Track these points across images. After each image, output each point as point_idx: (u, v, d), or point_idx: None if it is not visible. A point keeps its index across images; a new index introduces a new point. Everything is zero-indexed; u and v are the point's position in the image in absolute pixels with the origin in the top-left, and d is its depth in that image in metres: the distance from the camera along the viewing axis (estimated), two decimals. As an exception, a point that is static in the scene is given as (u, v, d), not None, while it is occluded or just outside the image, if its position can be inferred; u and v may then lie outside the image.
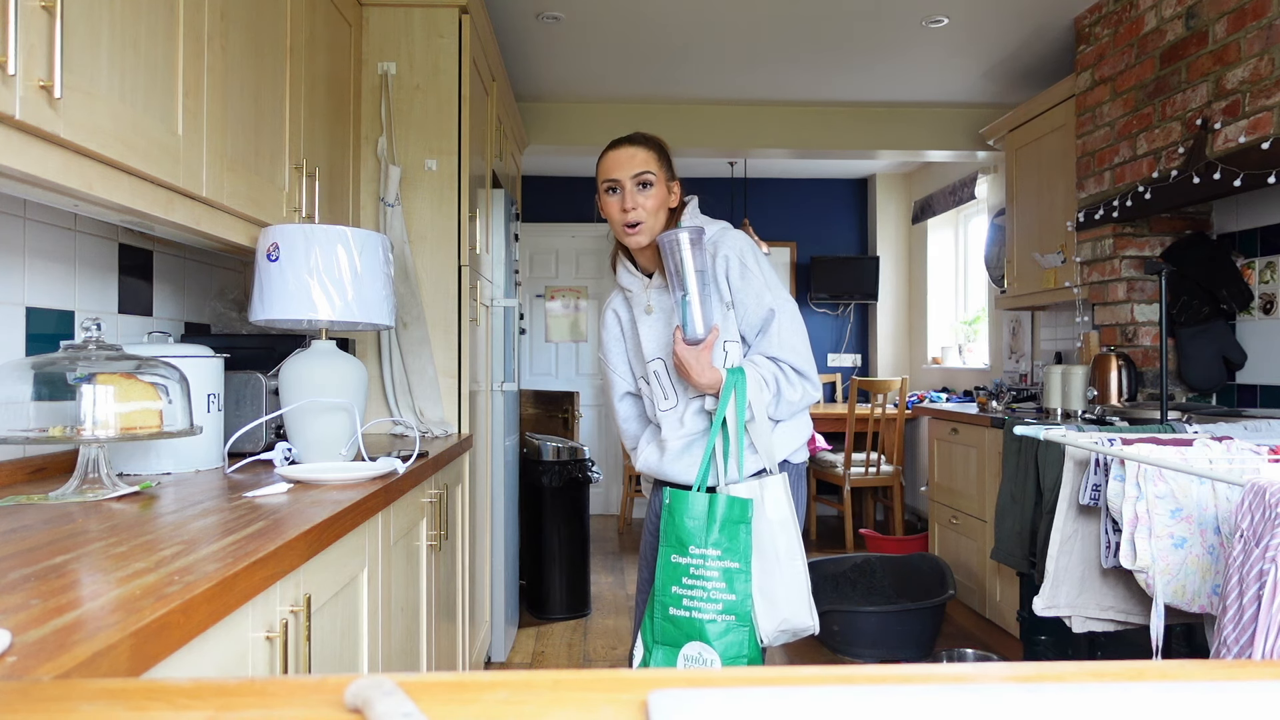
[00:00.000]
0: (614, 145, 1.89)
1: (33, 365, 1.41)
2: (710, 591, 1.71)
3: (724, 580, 1.70)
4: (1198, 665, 0.60)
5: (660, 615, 1.74)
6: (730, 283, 1.85)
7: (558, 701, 0.53)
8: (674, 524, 1.75)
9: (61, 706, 0.53)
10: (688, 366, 1.78)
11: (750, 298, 1.84)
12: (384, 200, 2.71)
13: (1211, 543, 1.79)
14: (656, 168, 1.86)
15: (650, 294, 1.92)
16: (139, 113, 1.41)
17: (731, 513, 1.72)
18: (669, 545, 1.75)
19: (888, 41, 4.01)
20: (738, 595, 1.70)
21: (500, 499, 3.40)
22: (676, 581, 1.73)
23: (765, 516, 1.76)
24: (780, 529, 1.77)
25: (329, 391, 1.84)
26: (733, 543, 1.71)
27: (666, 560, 1.74)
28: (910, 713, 0.51)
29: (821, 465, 5.58)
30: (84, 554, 1.01)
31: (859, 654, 3.40)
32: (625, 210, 1.84)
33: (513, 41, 3.98)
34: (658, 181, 1.86)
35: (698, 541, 1.72)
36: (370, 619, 1.59)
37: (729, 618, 1.70)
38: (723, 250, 1.85)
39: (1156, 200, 2.99)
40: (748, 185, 6.61)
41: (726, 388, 1.77)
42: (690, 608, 1.71)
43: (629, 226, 1.84)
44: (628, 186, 1.84)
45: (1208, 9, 2.87)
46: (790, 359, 1.83)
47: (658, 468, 1.95)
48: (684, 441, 1.90)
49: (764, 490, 1.77)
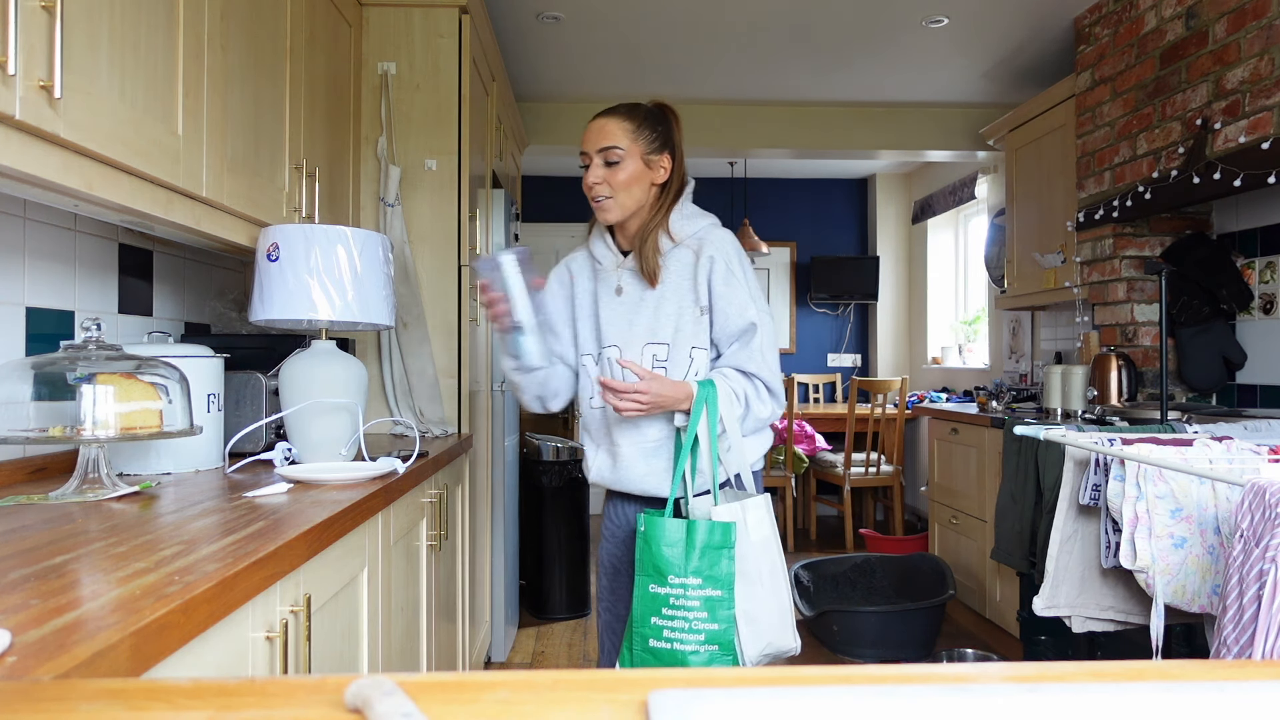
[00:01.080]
0: (595, 116, 1.83)
1: (33, 365, 1.41)
2: (692, 622, 1.60)
3: (706, 609, 1.60)
4: (1198, 665, 0.60)
5: (640, 647, 1.63)
6: (713, 286, 1.75)
7: (558, 701, 0.53)
8: (650, 552, 1.62)
9: (61, 706, 0.53)
10: (664, 397, 1.67)
11: (733, 306, 1.74)
12: (384, 200, 2.71)
13: (1211, 543, 1.79)
14: (629, 142, 1.77)
15: (623, 274, 1.82)
16: (139, 113, 1.41)
17: (713, 538, 1.61)
18: (646, 574, 1.63)
19: (888, 41, 4.01)
20: (720, 624, 1.59)
21: (500, 499, 3.40)
22: (656, 612, 1.61)
23: (749, 539, 1.66)
24: (763, 550, 1.68)
25: (329, 392, 1.84)
26: (714, 569, 1.60)
27: (644, 591, 1.63)
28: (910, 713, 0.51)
29: (821, 465, 5.58)
30: (84, 554, 1.01)
31: (859, 654, 3.40)
32: (591, 185, 1.78)
33: (513, 41, 3.98)
34: (629, 156, 1.76)
35: (677, 570, 1.61)
36: (370, 619, 1.59)
37: (712, 647, 1.60)
38: (708, 250, 1.76)
39: (1156, 200, 2.99)
40: (748, 185, 6.61)
41: (698, 402, 1.68)
42: (671, 639, 1.60)
43: (595, 200, 1.78)
44: (594, 160, 1.78)
45: (1208, 9, 2.87)
46: (765, 376, 1.75)
47: (612, 478, 1.83)
48: (640, 449, 1.78)
49: (746, 512, 1.67)
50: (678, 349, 1.76)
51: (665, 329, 1.77)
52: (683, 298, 1.77)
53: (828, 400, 6.67)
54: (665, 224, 1.79)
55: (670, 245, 1.79)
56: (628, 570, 1.89)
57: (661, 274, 1.78)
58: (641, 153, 1.78)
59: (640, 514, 1.68)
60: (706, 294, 1.76)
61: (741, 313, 1.74)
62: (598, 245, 1.88)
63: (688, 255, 1.78)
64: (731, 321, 1.75)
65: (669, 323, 1.77)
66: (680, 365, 1.76)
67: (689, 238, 1.79)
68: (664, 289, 1.78)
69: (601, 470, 1.86)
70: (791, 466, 5.32)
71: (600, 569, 1.96)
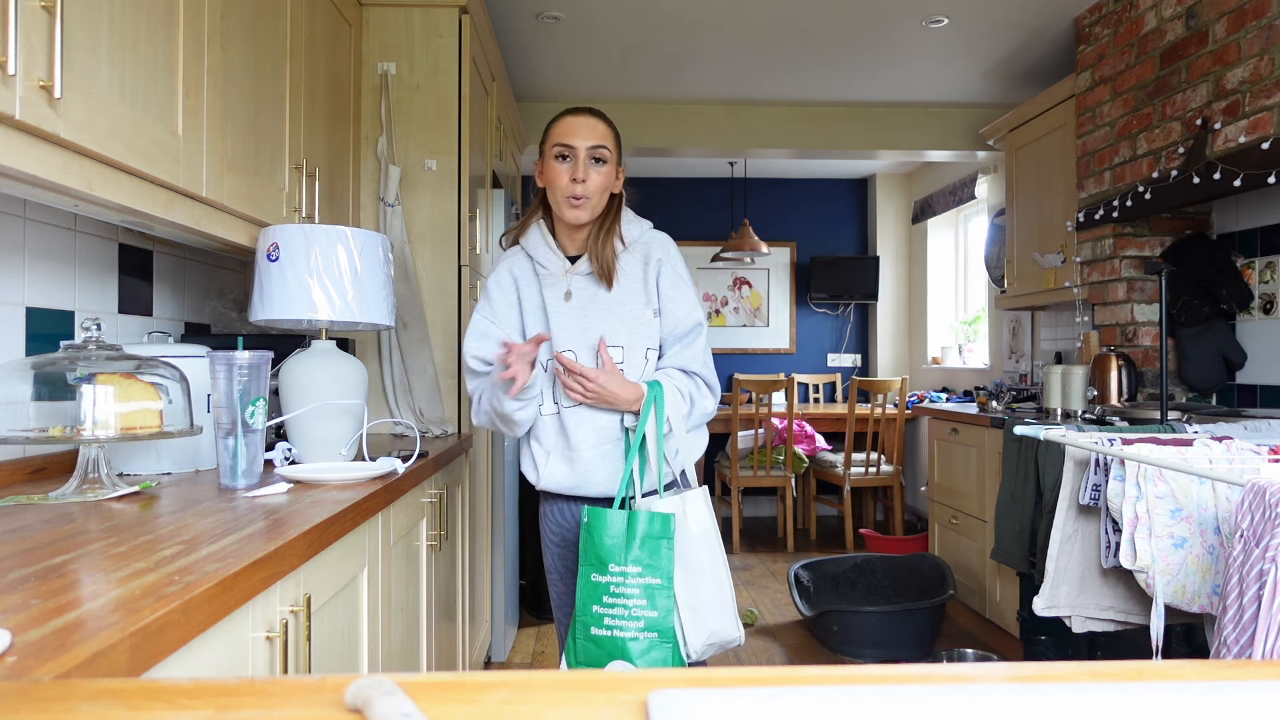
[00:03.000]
0: (572, 111, 1.80)
1: (33, 365, 1.41)
2: (631, 609, 1.65)
3: (645, 597, 1.65)
4: (1198, 665, 0.60)
5: (582, 636, 1.67)
6: (661, 289, 1.80)
7: (558, 701, 0.53)
8: (593, 542, 1.67)
9: (61, 706, 0.53)
10: (612, 394, 1.72)
11: (681, 308, 1.80)
12: (384, 200, 2.71)
13: (1211, 543, 1.79)
14: (613, 146, 1.80)
15: (571, 279, 1.81)
16: (139, 113, 1.41)
17: (652, 528, 1.66)
18: (588, 564, 1.68)
19: (888, 41, 4.01)
20: (660, 611, 1.65)
21: (500, 499, 3.40)
22: (597, 600, 1.66)
23: (688, 530, 1.72)
24: (703, 541, 1.73)
25: (329, 391, 1.84)
26: (654, 558, 1.66)
27: (586, 579, 1.67)
28: (910, 713, 0.51)
29: (821, 465, 5.58)
30: (84, 554, 1.01)
31: (859, 654, 3.40)
32: (575, 180, 1.74)
33: (513, 41, 3.98)
34: (610, 161, 1.78)
35: (617, 559, 1.66)
36: (370, 619, 1.59)
37: (651, 634, 1.64)
38: (656, 254, 1.81)
39: (1156, 200, 2.99)
40: (748, 185, 6.61)
41: (647, 403, 1.73)
42: (611, 626, 1.65)
43: (574, 199, 1.75)
44: (582, 155, 1.75)
45: (1208, 9, 2.87)
46: (704, 374, 1.82)
47: (572, 484, 1.82)
48: (598, 451, 1.79)
49: (685, 504, 1.73)
50: (633, 350, 1.79)
51: (620, 331, 1.79)
52: (635, 300, 1.80)
53: (828, 400, 6.67)
54: (618, 228, 1.82)
55: (621, 249, 1.82)
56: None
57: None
58: (615, 160, 1.82)
59: (584, 507, 1.72)
60: (656, 296, 1.81)
61: (689, 314, 1.81)
62: (540, 249, 1.84)
63: (636, 259, 1.82)
64: (680, 323, 1.81)
65: (624, 325, 1.79)
66: (636, 365, 1.79)
67: (634, 242, 1.84)
68: (618, 292, 1.80)
69: (556, 476, 1.83)
70: (791, 466, 5.32)
71: (551, 573, 1.96)
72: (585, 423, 1.78)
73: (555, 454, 1.83)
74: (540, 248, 1.84)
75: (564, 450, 1.81)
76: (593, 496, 1.82)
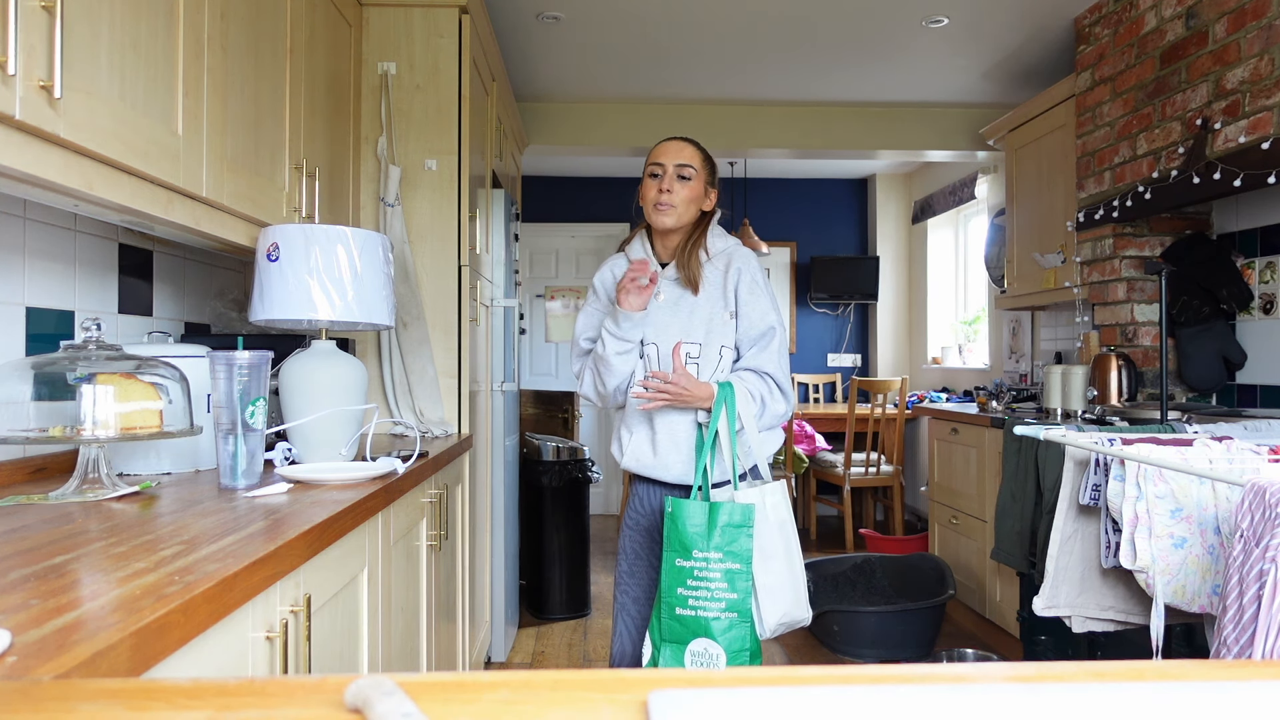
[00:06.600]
0: (667, 138, 2.07)
1: (33, 365, 1.41)
2: (714, 591, 1.82)
3: (726, 581, 1.82)
4: (1198, 665, 0.60)
5: (668, 615, 1.85)
6: (739, 294, 2.00)
7: (558, 701, 0.53)
8: (676, 530, 1.85)
9: (61, 706, 0.53)
10: (687, 392, 1.89)
11: (757, 312, 1.99)
12: (384, 200, 2.71)
13: (1211, 543, 1.79)
14: (699, 165, 2.03)
15: (662, 282, 2.03)
16: (139, 113, 1.41)
17: (733, 518, 1.82)
18: (673, 550, 1.85)
19: (888, 41, 4.01)
20: (739, 594, 1.81)
21: (500, 499, 3.40)
22: (681, 584, 1.83)
23: (767, 519, 1.89)
24: (779, 530, 1.91)
25: (329, 392, 1.84)
26: (734, 545, 1.82)
27: (671, 564, 1.85)
28: (910, 713, 0.51)
29: (821, 465, 5.58)
30: (84, 554, 1.01)
31: (859, 654, 3.40)
32: (661, 191, 1.98)
33: (513, 41, 3.98)
34: (697, 178, 2.01)
35: (700, 546, 1.83)
36: (370, 619, 1.59)
37: (732, 615, 1.82)
38: (736, 263, 2.02)
39: (1156, 200, 2.99)
40: (748, 185, 6.61)
41: (717, 402, 1.91)
42: (696, 607, 1.83)
43: (659, 205, 1.98)
44: (669, 171, 1.99)
45: (1208, 9, 2.87)
46: (778, 376, 1.99)
47: (651, 466, 2.03)
48: (674, 441, 2.00)
49: (765, 496, 1.90)
50: (709, 347, 1.99)
51: (699, 330, 2.00)
52: (715, 303, 2.01)
53: (828, 400, 6.67)
54: (704, 241, 2.05)
55: (705, 259, 2.04)
56: (647, 556, 2.10)
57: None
58: (704, 180, 2.05)
59: (667, 498, 1.90)
60: (734, 301, 2.00)
61: (763, 318, 1.99)
62: (638, 254, 2.08)
63: (719, 269, 2.03)
64: (755, 325, 1.99)
65: (702, 324, 2.00)
66: (711, 360, 1.99)
67: (718, 254, 2.05)
68: (701, 296, 2.01)
69: (640, 456, 2.04)
70: (791, 466, 5.32)
71: (621, 554, 2.15)
72: (666, 414, 1.99)
73: (639, 437, 2.04)
74: (639, 252, 2.10)
75: (648, 436, 2.03)
76: (669, 482, 2.03)
